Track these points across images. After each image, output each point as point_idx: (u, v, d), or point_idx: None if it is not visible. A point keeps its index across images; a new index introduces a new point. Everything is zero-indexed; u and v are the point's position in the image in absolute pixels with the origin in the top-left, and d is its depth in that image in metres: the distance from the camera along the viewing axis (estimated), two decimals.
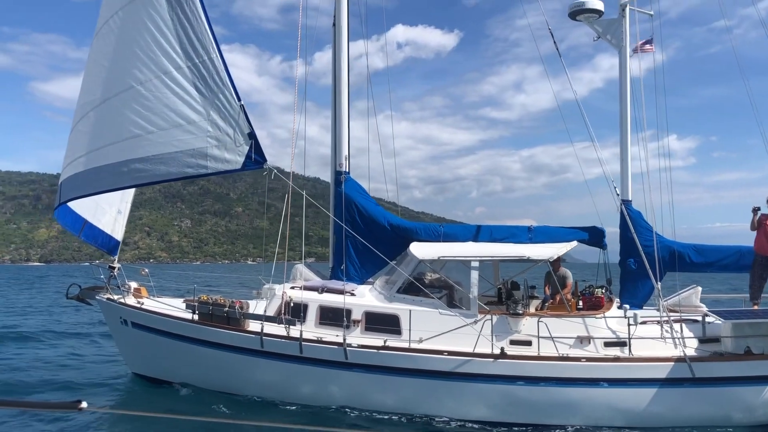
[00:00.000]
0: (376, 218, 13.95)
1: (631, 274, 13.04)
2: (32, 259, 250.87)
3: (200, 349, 13.05)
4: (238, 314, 12.84)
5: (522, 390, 11.12)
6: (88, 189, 12.76)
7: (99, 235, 15.42)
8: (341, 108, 14.35)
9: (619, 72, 13.38)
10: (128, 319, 14.27)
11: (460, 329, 11.83)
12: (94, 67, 12.80)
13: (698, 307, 12.53)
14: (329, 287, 13.34)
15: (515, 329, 11.77)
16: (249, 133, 11.62)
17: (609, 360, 11.01)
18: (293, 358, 12.12)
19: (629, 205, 13.22)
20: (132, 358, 15.13)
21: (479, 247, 13.14)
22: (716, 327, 11.53)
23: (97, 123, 12.51)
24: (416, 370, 11.49)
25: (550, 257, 12.44)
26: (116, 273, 15.10)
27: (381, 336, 12.13)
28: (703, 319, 11.51)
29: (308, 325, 12.59)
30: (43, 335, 22.06)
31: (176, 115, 11.74)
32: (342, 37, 14.30)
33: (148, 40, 11.75)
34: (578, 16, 13.58)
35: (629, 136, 13.29)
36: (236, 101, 11.59)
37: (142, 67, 11.83)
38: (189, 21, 11.51)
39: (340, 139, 14.34)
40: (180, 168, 11.79)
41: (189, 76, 11.65)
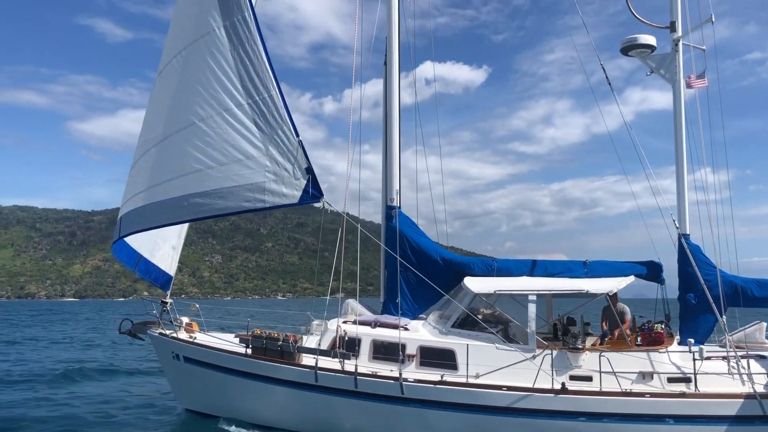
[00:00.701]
0: (429, 253, 13.95)
1: (692, 309, 12.77)
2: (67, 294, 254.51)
3: (253, 383, 13.07)
4: (292, 348, 12.84)
5: (584, 426, 10.90)
6: (149, 223, 13.03)
7: (153, 270, 15.66)
8: (392, 143, 14.51)
9: (673, 105, 13.33)
10: (180, 354, 14.37)
11: (518, 364, 11.69)
12: (156, 105, 13.20)
13: (763, 344, 12.24)
14: (382, 322, 13.32)
15: (575, 364, 11.61)
16: (306, 167, 11.81)
17: (675, 396, 10.76)
18: (348, 392, 12.07)
19: (688, 239, 13.04)
20: (183, 393, 15.17)
21: (536, 281, 13.04)
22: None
23: (158, 159, 12.84)
24: (475, 405, 11.35)
25: (609, 291, 12.30)
26: (168, 308, 15.27)
27: (436, 371, 12.04)
28: None
29: (362, 360, 12.54)
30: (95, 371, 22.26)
31: (236, 151, 12.00)
32: (393, 74, 14.54)
33: (210, 79, 12.10)
34: (630, 52, 13.63)
35: (685, 169, 13.18)
36: (294, 137, 11.81)
37: (203, 105, 12.15)
38: (251, 60, 11.84)
39: (391, 174, 14.46)
40: (238, 202, 12.00)
41: (249, 112, 11.93)
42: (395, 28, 14.62)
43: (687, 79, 13.27)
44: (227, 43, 12.01)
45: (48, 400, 16.90)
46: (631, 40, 13.47)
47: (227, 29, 11.99)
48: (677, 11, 13.49)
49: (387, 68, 14.74)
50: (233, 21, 11.97)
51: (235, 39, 11.96)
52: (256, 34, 11.86)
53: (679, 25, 13.41)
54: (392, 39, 14.62)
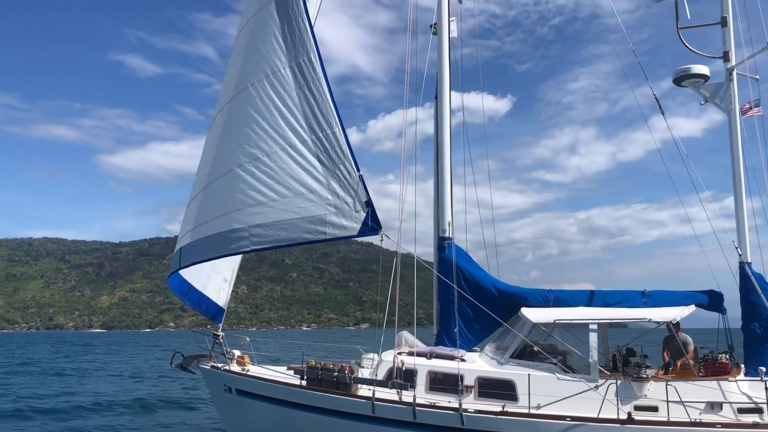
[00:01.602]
0: (483, 284, 14.00)
1: (757, 338, 12.63)
2: (94, 325, 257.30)
3: (308, 415, 13.09)
4: (348, 379, 12.89)
5: None
6: (210, 254, 13.31)
7: (204, 301, 15.86)
8: (443, 175, 14.67)
9: (729, 134, 13.39)
10: (233, 387, 14.45)
11: (580, 395, 11.61)
12: (218, 139, 13.59)
13: None
14: (438, 353, 13.33)
15: (639, 394, 11.52)
16: (366, 201, 12.06)
17: (747, 426, 10.63)
18: (406, 423, 12.05)
19: (750, 267, 12.94)
20: (235, 426, 15.21)
21: (596, 310, 12.99)
22: None
23: (220, 191, 13.18)
24: None
25: (672, 319, 12.24)
26: (220, 340, 15.39)
27: (495, 401, 12.00)
28: None
29: (418, 391, 12.53)
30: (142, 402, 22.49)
31: (298, 184, 12.31)
32: (444, 105, 14.79)
33: (276, 116, 12.54)
34: (683, 82, 13.71)
35: (744, 195, 13.16)
36: (356, 171, 12.09)
37: (268, 140, 12.54)
38: (315, 99, 12.27)
39: (443, 205, 14.59)
40: (299, 234, 12.24)
41: (313, 148, 12.29)
42: (446, 62, 14.89)
43: (742, 108, 13.30)
44: (293, 82, 12.48)
45: None
46: (684, 71, 13.55)
47: (293, 69, 12.49)
48: (730, 41, 13.60)
49: (438, 101, 14.98)
50: (299, 62, 12.49)
51: (301, 78, 12.42)
52: (321, 74, 12.30)
53: (732, 54, 13.51)
54: (443, 72, 14.90)
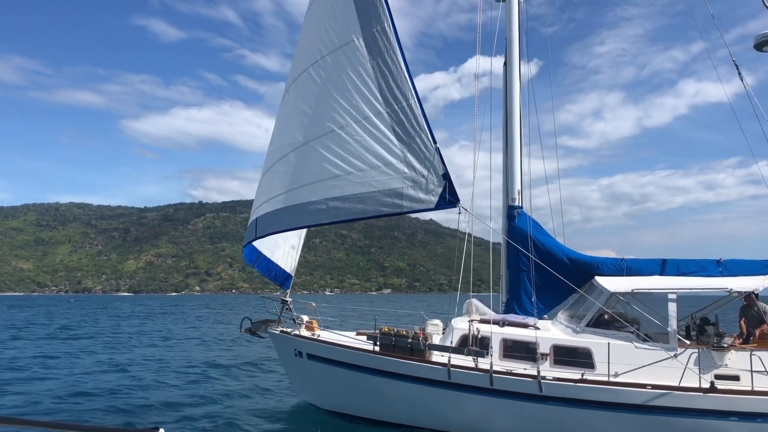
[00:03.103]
0: (554, 252, 14.02)
1: None
2: (121, 289, 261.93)
3: (381, 380, 13.32)
4: (422, 345, 13.07)
5: (735, 426, 10.87)
6: (287, 225, 13.46)
7: (273, 268, 16.10)
8: (513, 144, 14.59)
9: None
10: (303, 351, 14.73)
11: (658, 363, 11.68)
12: (292, 111, 13.58)
13: None
14: (511, 321, 13.43)
15: (720, 363, 11.55)
16: (443, 174, 12.01)
17: None
18: (482, 390, 12.22)
19: None
20: (305, 389, 15.57)
21: (673, 280, 12.98)
22: None
23: (296, 164, 13.23)
24: (617, 404, 11.40)
25: (755, 289, 12.20)
26: (290, 306, 15.66)
27: (571, 369, 12.11)
28: None
29: (492, 358, 12.67)
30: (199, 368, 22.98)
31: (374, 158, 12.29)
32: (513, 73, 14.66)
33: (350, 88, 12.42)
34: (765, 47, 13.39)
35: None
36: (432, 144, 12.03)
37: (342, 113, 12.49)
38: (390, 70, 12.11)
39: (512, 174, 14.55)
40: (376, 206, 12.28)
41: (388, 120, 12.20)
42: (515, 30, 14.70)
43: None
44: (366, 53, 12.30)
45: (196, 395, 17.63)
46: (765, 35, 13.23)
47: (367, 39, 12.28)
48: None
49: (507, 68, 14.83)
50: (372, 32, 12.26)
51: (375, 49, 12.23)
52: (395, 44, 12.11)
53: None
54: (512, 40, 14.75)
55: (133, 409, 15.19)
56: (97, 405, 15.66)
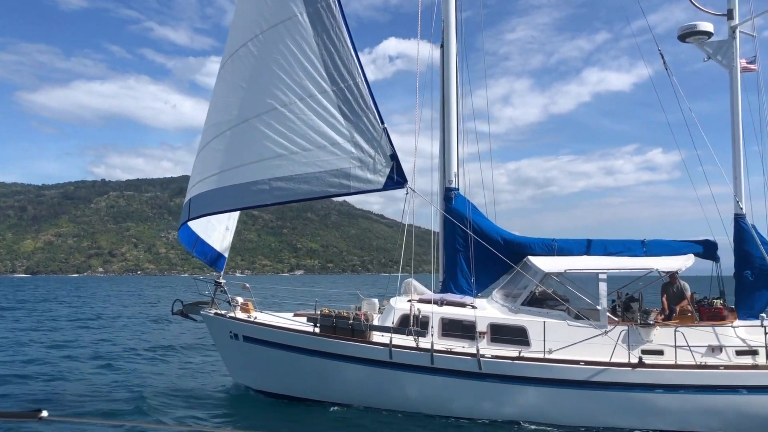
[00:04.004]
0: (490, 233, 14.35)
1: (748, 286, 13.53)
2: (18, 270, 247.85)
3: (322, 361, 13.32)
4: (363, 326, 13.14)
5: (661, 398, 11.56)
6: (225, 206, 13.12)
7: (209, 251, 15.74)
8: (450, 127, 14.77)
9: (730, 90, 13.98)
10: (240, 333, 14.50)
11: (589, 340, 12.24)
12: (229, 88, 13.17)
13: None
14: (449, 300, 13.69)
15: (647, 339, 12.22)
16: (391, 154, 12.04)
17: (748, 368, 11.49)
18: (423, 368, 12.45)
19: (744, 219, 13.74)
20: (242, 371, 15.33)
21: (603, 260, 13.58)
22: None
23: (235, 142, 12.87)
24: (552, 379, 11.90)
25: (678, 269, 12.94)
26: (223, 287, 15.35)
27: (507, 347, 12.51)
28: None
29: (429, 338, 12.91)
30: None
31: (320, 137, 12.15)
32: (450, 55, 14.78)
33: (293, 64, 12.16)
34: (688, 38, 14.14)
35: (742, 152, 13.87)
36: (380, 124, 12.02)
37: (285, 90, 12.22)
38: (335, 47, 11.94)
39: (450, 156, 14.75)
40: (323, 187, 12.17)
41: (334, 99, 12.06)
42: (452, 13, 14.82)
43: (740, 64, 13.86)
44: (311, 29, 12.06)
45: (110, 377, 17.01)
46: (690, 27, 13.99)
47: (311, 15, 12.05)
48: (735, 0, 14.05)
49: (444, 50, 14.94)
50: (317, 7, 12.04)
51: (319, 25, 12.03)
52: (341, 20, 11.96)
53: (736, 13, 13.99)
54: (449, 22, 14.83)
55: (49, 397, 14.54)
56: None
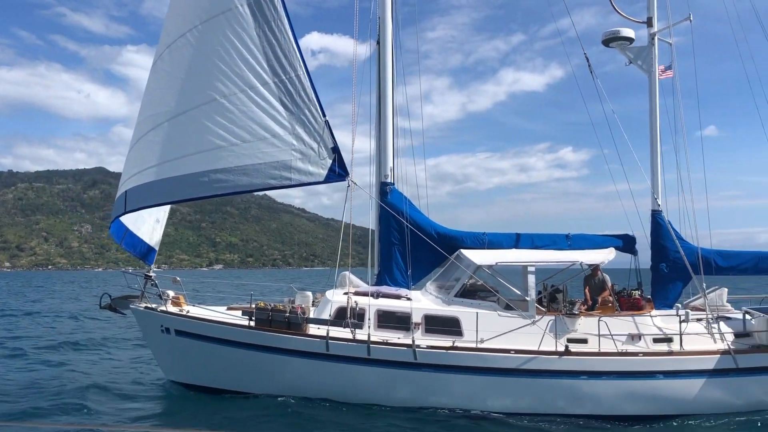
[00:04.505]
0: (424, 227, 14.70)
1: (663, 277, 14.44)
2: None
3: (258, 354, 13.36)
4: (300, 319, 13.25)
5: (585, 384, 12.23)
6: (164, 198, 12.93)
7: (138, 243, 15.42)
8: (386, 121, 15.03)
9: (648, 93, 14.85)
10: (171, 327, 14.34)
11: (519, 330, 12.79)
12: (168, 79, 12.97)
13: (724, 306, 14.07)
14: (384, 292, 13.98)
15: (572, 328, 12.87)
16: (333, 147, 12.21)
17: (664, 354, 12.31)
18: (360, 360, 12.70)
19: (660, 215, 14.63)
20: (173, 366, 15.12)
21: (533, 253, 14.16)
22: (739, 323, 13.09)
23: (173, 134, 12.70)
24: (484, 368, 12.38)
25: (601, 262, 13.67)
26: (154, 281, 15.09)
27: (442, 337, 12.90)
28: (744, 316, 13.05)
29: (366, 329, 13.16)
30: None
31: (261, 129, 12.17)
32: (386, 51, 15.02)
33: (233, 56, 12.12)
34: (611, 43, 14.91)
35: (659, 151, 14.75)
36: (321, 117, 12.15)
37: (226, 81, 12.17)
38: (277, 39, 11.98)
39: (385, 150, 15.02)
40: (263, 179, 12.21)
41: (275, 91, 12.11)
42: (389, 8, 15.08)
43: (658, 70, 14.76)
44: (251, 20, 12.06)
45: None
46: (613, 32, 14.76)
47: (251, 7, 12.04)
48: (654, 8, 14.93)
49: (380, 46, 15.18)
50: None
51: (261, 17, 12.03)
52: (283, 13, 12.01)
53: (655, 21, 14.87)
54: (386, 19, 15.07)
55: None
56: None
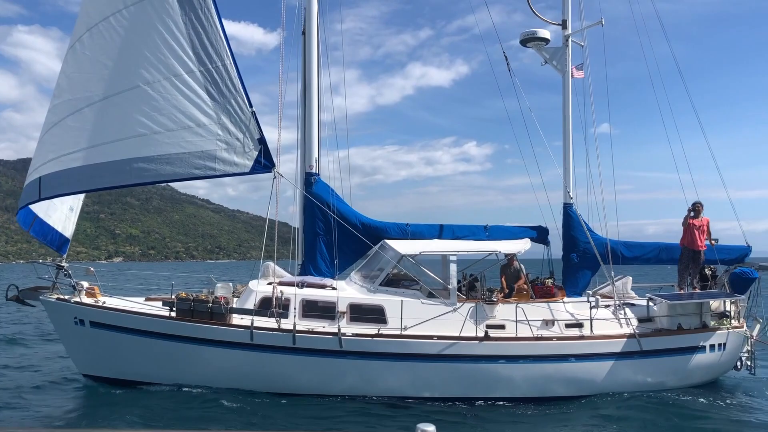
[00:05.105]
0: (348, 217, 14.91)
1: (574, 267, 15.30)
2: None
3: (180, 345, 13.20)
4: (224, 309, 13.19)
5: (503, 367, 12.84)
6: (83, 185, 12.50)
7: (49, 231, 14.79)
8: (311, 111, 15.11)
9: (562, 92, 15.62)
10: (86, 319, 13.92)
11: (441, 316, 13.24)
12: (88, 63, 12.50)
13: (629, 294, 15.05)
14: (309, 282, 14.10)
15: (491, 315, 13.44)
16: (259, 138, 12.17)
17: (576, 338, 13.08)
18: (285, 349, 12.79)
19: (571, 207, 15.46)
20: (87, 360, 14.65)
21: (455, 243, 14.64)
22: (643, 309, 14.07)
23: (95, 120, 12.28)
24: (409, 354, 12.76)
25: (518, 251, 14.31)
26: (67, 271, 14.56)
27: (366, 325, 13.18)
28: (647, 302, 14.01)
29: (291, 319, 13.26)
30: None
31: (185, 117, 11.98)
32: (312, 42, 15.08)
33: (158, 43, 11.86)
34: (529, 43, 15.59)
35: (571, 147, 15.56)
36: (248, 107, 12.09)
37: (150, 68, 11.90)
38: (203, 27, 11.81)
39: (310, 141, 15.09)
40: (187, 169, 12.02)
41: (201, 80, 11.94)
42: None
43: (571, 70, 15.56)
44: (178, 7, 11.84)
45: None
46: (531, 33, 15.45)
47: None
48: (569, 11, 15.70)
49: (306, 37, 15.22)
50: None
51: (187, 4, 11.85)
52: (210, 1, 11.83)
53: (569, 23, 15.64)
54: (311, 10, 15.11)
55: None
56: None
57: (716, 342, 13.65)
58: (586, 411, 12.51)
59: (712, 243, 14.82)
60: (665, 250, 15.37)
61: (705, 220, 14.73)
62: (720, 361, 13.84)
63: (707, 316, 13.89)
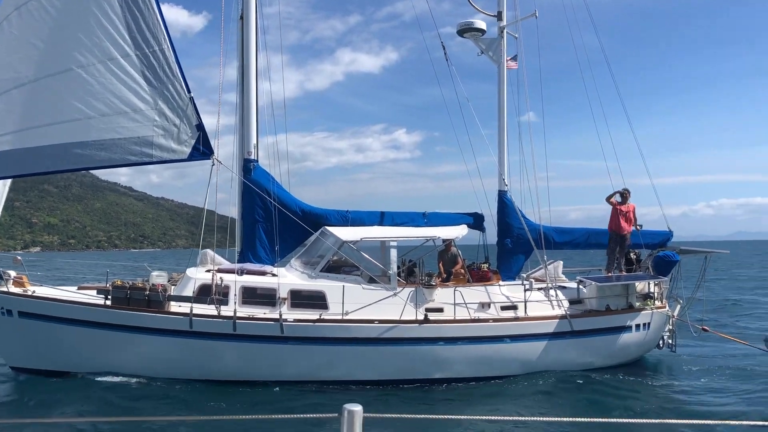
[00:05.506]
0: (288, 204, 14.90)
1: (507, 252, 15.80)
2: None
3: (115, 334, 12.97)
4: (161, 297, 13.02)
5: (442, 349, 13.19)
6: (12, 170, 12.03)
7: None
8: (249, 97, 14.98)
9: (498, 82, 16.01)
10: (14, 309, 13.50)
11: (382, 301, 13.47)
12: (17, 43, 11.99)
13: (560, 277, 15.65)
14: (249, 269, 14.06)
15: (430, 299, 13.75)
16: (197, 124, 12.03)
17: (511, 320, 13.55)
18: (226, 336, 12.75)
19: (506, 195, 15.92)
20: (15, 351, 14.19)
21: (395, 230, 14.86)
22: (573, 291, 14.69)
23: (24, 102, 11.83)
24: (350, 338, 12.94)
25: (456, 237, 14.66)
26: None
27: (308, 311, 13.27)
28: (578, 285, 14.61)
29: (231, 306, 13.21)
30: None
31: (121, 102, 11.71)
32: (250, 27, 14.92)
33: (93, 25, 11.53)
34: (465, 34, 15.89)
35: (506, 135, 15.99)
36: (186, 93, 11.91)
37: (84, 51, 11.56)
38: (141, 11, 11.56)
39: (249, 127, 14.98)
40: (123, 155, 11.78)
41: (137, 64, 11.69)
42: None
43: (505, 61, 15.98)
44: None
45: None
46: (468, 23, 15.74)
47: None
48: (504, 3, 16.07)
49: (244, 22, 15.04)
50: None
51: None
52: None
53: (504, 15, 16.01)
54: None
55: None
56: None
57: (641, 322, 14.41)
58: (520, 389, 12.99)
59: (638, 228, 15.56)
60: (594, 235, 16.06)
61: (631, 207, 15.44)
62: (645, 339, 14.62)
63: (633, 297, 14.62)
